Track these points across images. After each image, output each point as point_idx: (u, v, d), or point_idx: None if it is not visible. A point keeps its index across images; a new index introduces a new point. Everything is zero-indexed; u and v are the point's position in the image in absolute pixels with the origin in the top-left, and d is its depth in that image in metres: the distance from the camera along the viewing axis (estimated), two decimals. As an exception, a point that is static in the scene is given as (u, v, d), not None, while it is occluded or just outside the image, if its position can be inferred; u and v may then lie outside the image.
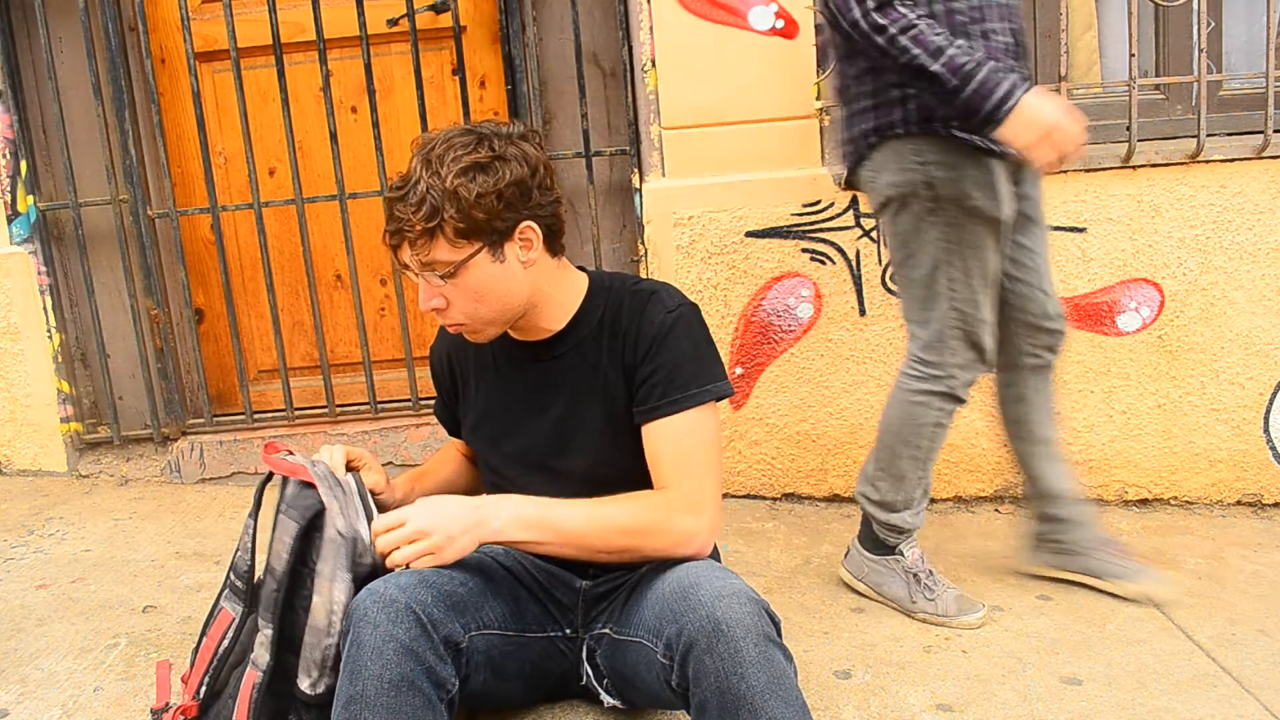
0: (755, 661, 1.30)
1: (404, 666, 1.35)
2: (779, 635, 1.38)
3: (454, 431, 1.83)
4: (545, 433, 1.62)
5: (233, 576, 1.56)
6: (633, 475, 1.57)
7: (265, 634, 1.46)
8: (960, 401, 2.02)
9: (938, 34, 1.77)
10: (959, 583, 2.22)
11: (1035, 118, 1.72)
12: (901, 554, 2.09)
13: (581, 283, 1.64)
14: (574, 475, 1.59)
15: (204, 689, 1.51)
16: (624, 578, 1.60)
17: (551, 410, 1.62)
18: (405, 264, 1.51)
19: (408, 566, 1.42)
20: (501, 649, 1.52)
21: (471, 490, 1.80)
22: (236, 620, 1.53)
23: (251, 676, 1.46)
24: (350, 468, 1.59)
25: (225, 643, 1.53)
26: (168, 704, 1.55)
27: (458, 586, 1.47)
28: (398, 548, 1.42)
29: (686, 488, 1.51)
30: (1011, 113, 1.73)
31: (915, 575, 2.07)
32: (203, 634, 1.57)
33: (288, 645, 1.45)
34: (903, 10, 1.79)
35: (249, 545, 1.55)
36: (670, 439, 1.53)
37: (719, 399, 1.56)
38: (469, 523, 1.44)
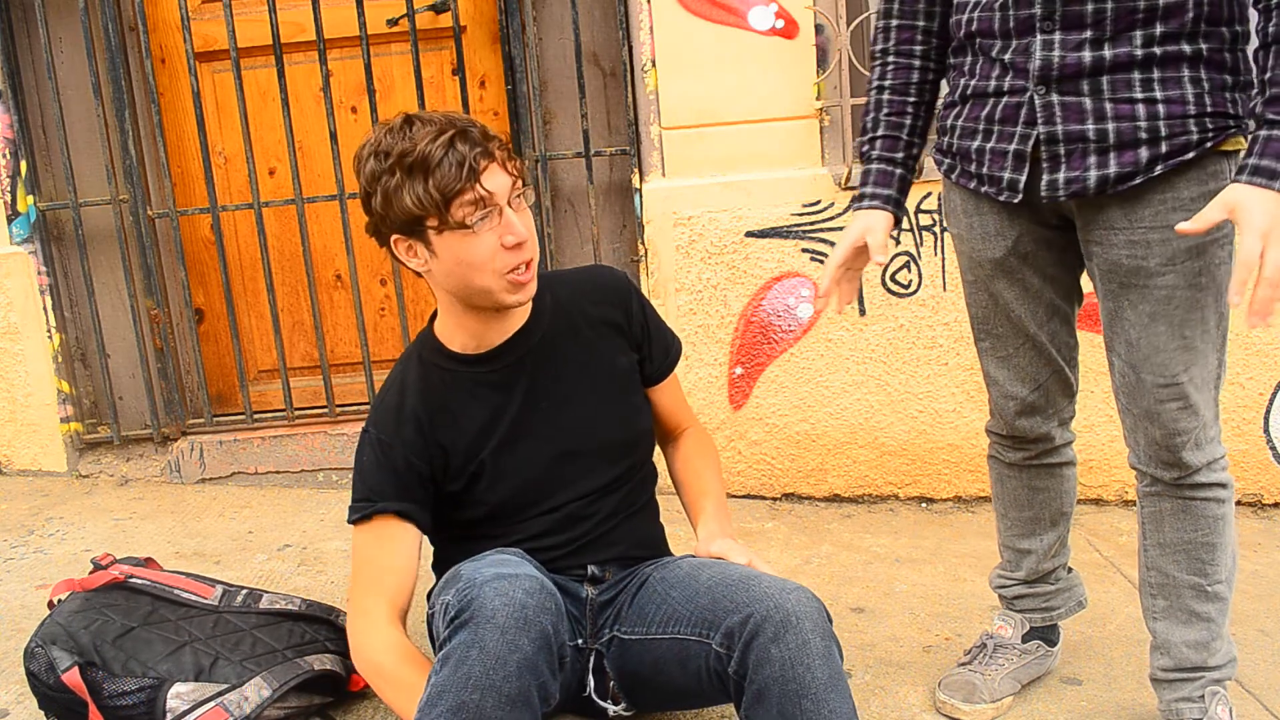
0: (820, 655, 1.32)
1: (524, 681, 1.28)
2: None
3: (426, 527, 1.57)
4: (559, 422, 1.59)
5: None
6: (644, 433, 1.69)
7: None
8: (993, 459, 1.79)
9: (869, 107, 1.65)
10: (959, 583, 2.22)
11: None
12: None
13: None
14: (603, 448, 1.62)
15: None
16: (624, 583, 1.61)
17: (555, 397, 1.60)
18: (487, 193, 1.42)
19: None
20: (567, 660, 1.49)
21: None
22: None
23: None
24: None
25: None
26: None
27: (556, 599, 1.39)
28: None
29: (693, 417, 1.84)
30: None
31: None
32: None
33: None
34: (874, 58, 1.65)
35: None
36: (676, 385, 1.78)
37: None
38: None
